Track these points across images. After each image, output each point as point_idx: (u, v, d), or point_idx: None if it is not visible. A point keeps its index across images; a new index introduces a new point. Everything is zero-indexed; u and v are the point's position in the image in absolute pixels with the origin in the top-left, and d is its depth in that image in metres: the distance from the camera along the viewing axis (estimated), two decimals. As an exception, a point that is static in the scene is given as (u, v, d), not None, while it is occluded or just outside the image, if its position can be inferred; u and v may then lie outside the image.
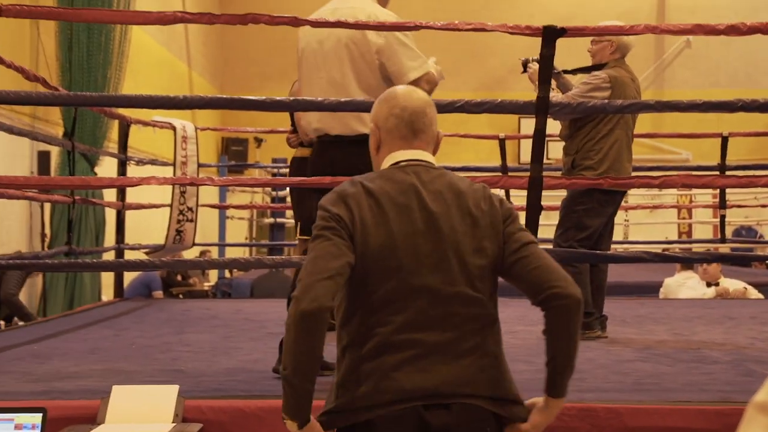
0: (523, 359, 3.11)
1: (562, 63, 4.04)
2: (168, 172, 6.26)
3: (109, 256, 6.68)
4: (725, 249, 8.35)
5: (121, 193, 6.03)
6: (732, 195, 8.03)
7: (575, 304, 1.73)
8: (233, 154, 13.62)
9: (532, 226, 3.42)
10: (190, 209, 5.69)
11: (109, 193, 7.38)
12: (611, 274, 4.40)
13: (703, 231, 12.94)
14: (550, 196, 7.06)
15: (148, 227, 8.36)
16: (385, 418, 1.68)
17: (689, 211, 12.01)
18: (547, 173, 3.54)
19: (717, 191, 6.90)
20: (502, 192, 6.74)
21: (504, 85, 13.58)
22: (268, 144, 12.59)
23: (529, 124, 5.30)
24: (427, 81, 2.99)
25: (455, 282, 1.75)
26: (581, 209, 4.07)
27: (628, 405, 2.53)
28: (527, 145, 3.93)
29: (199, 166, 5.97)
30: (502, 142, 6.77)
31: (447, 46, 10.96)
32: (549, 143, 7.62)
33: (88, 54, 7.65)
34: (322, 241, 1.73)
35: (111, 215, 7.14)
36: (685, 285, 6.90)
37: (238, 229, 12.00)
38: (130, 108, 5.44)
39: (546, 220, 4.51)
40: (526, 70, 4.21)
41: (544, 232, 4.89)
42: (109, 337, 4.17)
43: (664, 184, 3.69)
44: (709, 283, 6.80)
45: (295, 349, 1.66)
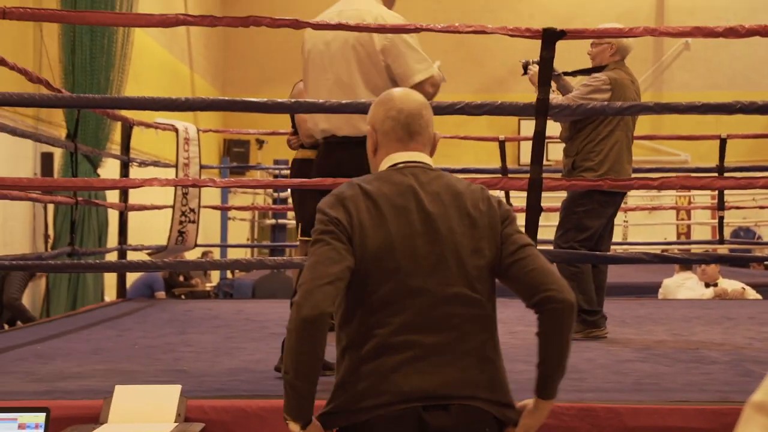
0: (523, 359, 3.12)
1: (562, 64, 4.05)
2: (170, 174, 6.28)
3: (112, 257, 6.71)
4: (723, 250, 8.35)
5: (124, 195, 6.03)
6: (730, 196, 8.04)
7: (569, 308, 1.74)
8: (235, 155, 13.64)
9: (531, 227, 3.42)
10: (192, 210, 5.70)
11: (112, 195, 7.37)
12: (611, 274, 4.41)
13: (701, 232, 12.92)
14: (550, 198, 7.09)
15: (150, 228, 8.38)
16: (383, 418, 1.68)
17: (688, 212, 12.00)
18: (547, 175, 3.54)
19: (715, 192, 6.90)
20: (502, 193, 6.76)
21: (504, 87, 13.58)
22: (269, 145, 12.58)
23: (529, 126, 5.31)
24: (432, 84, 3.00)
25: (453, 283, 1.75)
26: (581, 210, 4.08)
27: (628, 405, 2.53)
28: (527, 146, 3.94)
29: (201, 167, 5.97)
30: (502, 144, 6.78)
31: (447, 48, 11.01)
32: (548, 145, 7.66)
33: (91, 56, 7.65)
34: (321, 245, 1.73)
35: (114, 216, 7.13)
36: (683, 286, 6.90)
37: (240, 230, 12.01)
38: (132, 110, 5.47)
39: (546, 221, 4.52)
40: (527, 72, 4.21)
41: (544, 234, 4.91)
42: (112, 338, 4.17)
43: (663, 186, 3.69)
44: (707, 284, 6.80)
45: (296, 353, 1.67)
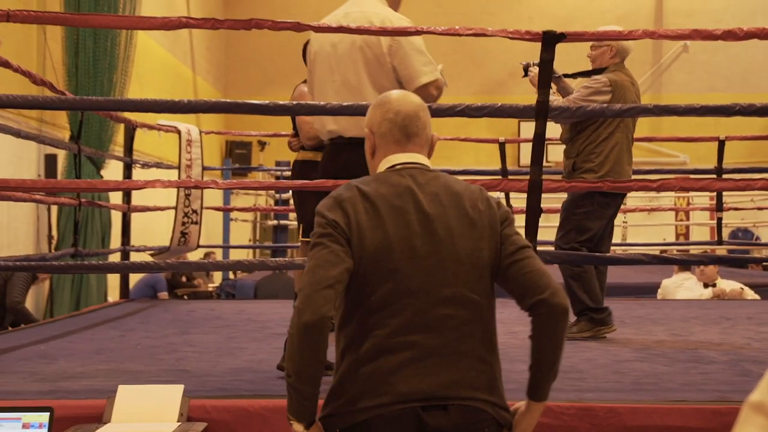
0: (522, 359, 3.10)
1: (562, 66, 4.05)
2: (173, 175, 6.31)
3: (115, 258, 6.72)
4: (722, 251, 8.35)
5: (127, 196, 6.04)
6: (729, 197, 8.04)
7: (562, 312, 1.75)
8: (237, 157, 13.66)
9: (531, 228, 3.43)
10: (194, 212, 5.70)
11: (115, 196, 7.42)
12: (610, 275, 4.41)
13: (700, 233, 12.91)
14: (550, 199, 7.12)
15: (153, 229, 8.41)
16: (382, 418, 1.69)
17: (687, 213, 12.01)
18: (547, 176, 3.55)
19: (714, 194, 6.92)
20: (502, 195, 6.79)
21: (504, 89, 13.58)
22: (271, 147, 12.61)
23: (528, 128, 5.34)
24: (436, 87, 3.01)
25: (452, 283, 1.75)
26: (582, 212, 4.08)
27: (627, 404, 2.54)
28: (527, 148, 3.95)
29: (204, 169, 5.98)
30: (502, 146, 6.78)
31: (447, 50, 11.00)
32: (548, 146, 7.69)
33: (94, 59, 7.67)
34: (320, 249, 1.73)
35: (117, 217, 7.16)
36: (682, 286, 6.91)
37: (242, 231, 12.04)
38: (135, 112, 5.53)
39: (545, 222, 4.54)
40: (527, 74, 4.21)
41: (543, 235, 4.93)
42: (115, 338, 4.18)
43: (662, 188, 3.71)
44: (706, 284, 6.81)
45: (298, 357, 1.68)
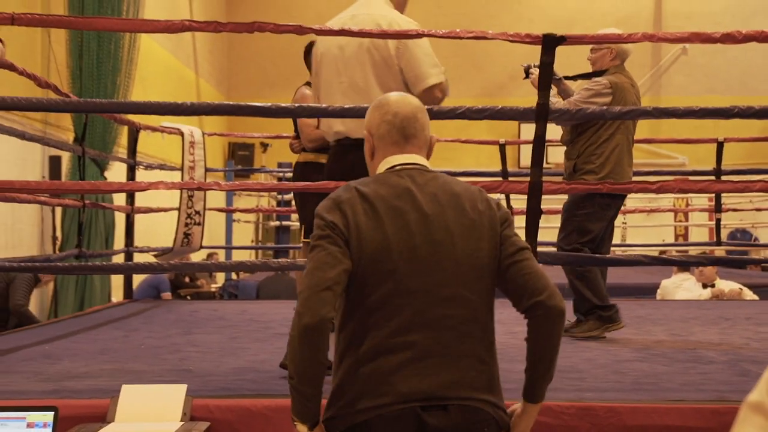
0: (522, 359, 3.15)
1: (562, 68, 4.06)
2: (176, 177, 6.33)
3: (119, 259, 6.77)
4: (721, 252, 8.38)
5: (130, 197, 6.06)
6: (727, 198, 8.04)
7: (559, 315, 1.76)
8: (240, 158, 13.69)
9: (532, 229, 3.44)
10: (197, 213, 5.72)
11: (119, 198, 7.47)
12: (610, 275, 4.44)
13: (699, 234, 12.89)
14: (550, 200, 7.13)
15: (156, 231, 8.43)
16: (382, 418, 1.69)
17: (686, 214, 12.01)
18: (547, 178, 3.56)
19: (713, 195, 6.94)
20: (502, 196, 6.80)
21: (505, 92, 13.59)
22: (273, 149, 12.63)
23: (529, 129, 5.35)
24: (441, 89, 3.04)
25: (451, 284, 1.75)
26: (583, 213, 4.10)
27: (627, 404, 2.56)
28: (527, 149, 3.97)
29: (207, 170, 5.98)
30: (502, 148, 6.79)
31: (448, 53, 10.99)
32: (548, 148, 7.68)
33: (98, 61, 7.70)
34: (318, 251, 1.74)
35: (120, 219, 7.19)
36: (681, 286, 6.93)
37: (245, 232, 12.06)
38: (139, 114, 5.55)
39: (546, 223, 4.56)
40: (528, 76, 4.21)
41: (543, 236, 4.94)
42: (119, 338, 4.19)
43: (661, 190, 3.69)
44: (705, 285, 6.83)
45: (300, 359, 1.69)
